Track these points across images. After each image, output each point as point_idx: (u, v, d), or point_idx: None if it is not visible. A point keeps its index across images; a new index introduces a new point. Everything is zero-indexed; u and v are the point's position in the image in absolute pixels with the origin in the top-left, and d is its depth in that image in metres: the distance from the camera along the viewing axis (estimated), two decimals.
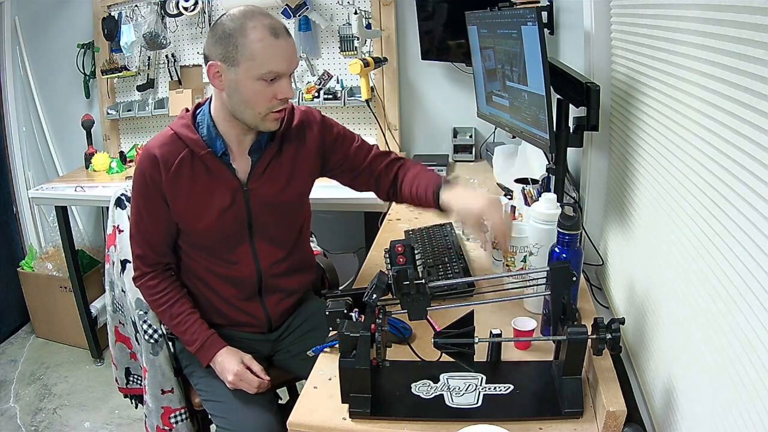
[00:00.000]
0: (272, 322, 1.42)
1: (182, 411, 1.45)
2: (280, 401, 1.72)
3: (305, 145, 1.32)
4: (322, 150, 1.35)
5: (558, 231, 1.04)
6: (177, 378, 1.44)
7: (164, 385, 1.42)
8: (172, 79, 2.65)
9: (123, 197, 1.51)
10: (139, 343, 1.48)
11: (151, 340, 1.41)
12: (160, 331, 1.42)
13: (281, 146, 1.30)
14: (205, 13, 2.48)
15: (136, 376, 1.64)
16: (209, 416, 1.37)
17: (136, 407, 1.68)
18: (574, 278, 0.96)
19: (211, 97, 1.25)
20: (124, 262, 1.49)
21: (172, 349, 1.47)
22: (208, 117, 1.24)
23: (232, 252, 1.32)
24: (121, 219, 1.51)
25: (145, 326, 1.41)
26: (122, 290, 1.53)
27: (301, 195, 1.38)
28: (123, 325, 1.60)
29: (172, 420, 1.44)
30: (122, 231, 1.51)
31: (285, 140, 1.30)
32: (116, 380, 1.65)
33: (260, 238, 1.33)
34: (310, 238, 1.84)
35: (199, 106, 1.28)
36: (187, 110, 1.28)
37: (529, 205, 1.54)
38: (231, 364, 1.29)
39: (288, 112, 1.30)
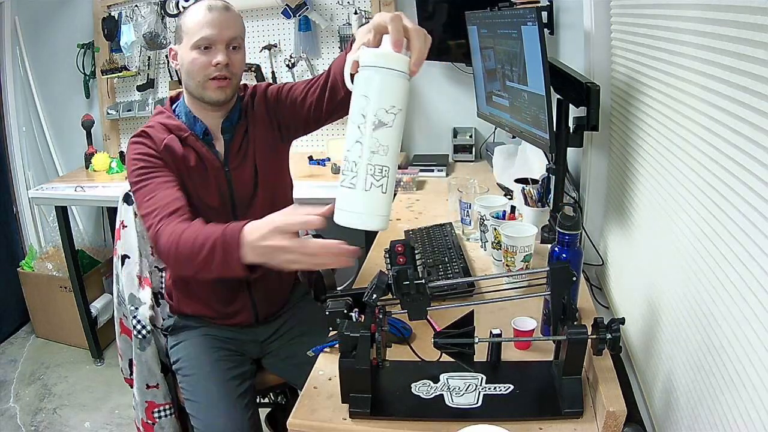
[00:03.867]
0: (259, 312, 1.42)
1: (167, 407, 1.45)
2: (280, 400, 1.73)
3: (260, 116, 1.35)
4: (270, 116, 1.35)
5: (558, 231, 1.05)
6: (164, 374, 1.44)
7: (149, 380, 1.43)
8: (172, 79, 2.65)
9: (131, 193, 1.52)
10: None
11: (139, 336, 1.41)
12: (148, 327, 1.43)
13: (248, 124, 1.33)
14: None
15: None
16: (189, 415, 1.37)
17: None
18: (574, 278, 0.96)
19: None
20: (124, 257, 1.50)
21: (165, 344, 1.47)
22: (184, 105, 1.30)
23: None
24: (127, 214, 1.52)
25: (134, 321, 1.42)
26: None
27: (278, 168, 1.39)
28: (126, 317, 1.61)
29: (156, 414, 1.44)
30: (126, 226, 1.51)
31: (249, 117, 1.34)
32: (121, 371, 1.66)
33: (243, 217, 1.31)
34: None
35: (173, 100, 1.34)
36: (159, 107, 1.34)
37: (530, 205, 1.54)
38: (276, 239, 0.94)
39: (249, 95, 1.35)
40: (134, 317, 1.42)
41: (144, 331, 1.41)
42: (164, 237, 1.09)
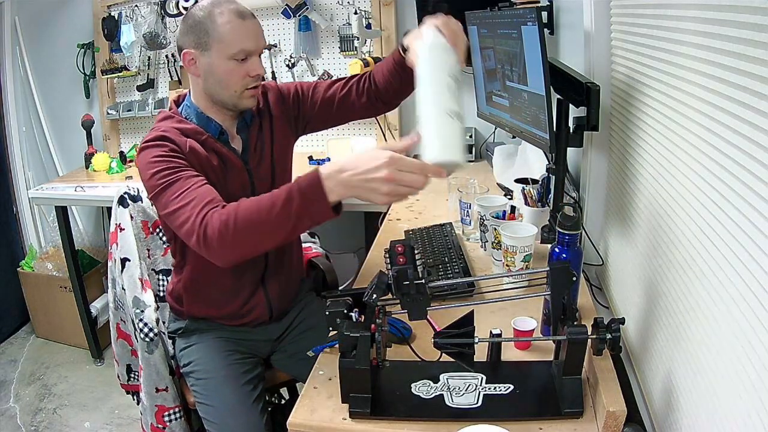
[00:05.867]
0: (274, 309, 1.42)
1: (176, 410, 1.45)
2: (282, 401, 1.73)
3: (272, 113, 1.37)
4: (286, 113, 1.39)
5: (558, 231, 1.05)
6: (172, 377, 1.44)
7: (158, 384, 1.42)
8: (172, 79, 2.65)
9: (126, 195, 1.52)
10: (137, 341, 1.48)
11: (147, 339, 1.41)
12: (155, 330, 1.42)
13: (261, 121, 1.35)
14: None
15: (137, 373, 1.64)
16: (201, 419, 1.37)
17: (138, 403, 1.68)
18: (574, 278, 0.96)
19: (189, 90, 1.29)
20: (123, 260, 1.49)
21: (171, 349, 1.47)
22: (194, 107, 1.27)
23: None
24: (123, 217, 1.51)
25: (140, 324, 1.41)
26: (123, 288, 1.53)
27: (285, 158, 1.41)
28: (124, 322, 1.60)
29: (166, 418, 1.44)
30: (124, 229, 1.51)
31: (262, 115, 1.35)
32: (118, 377, 1.66)
33: None
34: (313, 239, 1.84)
35: (177, 103, 1.31)
36: (162, 112, 1.30)
37: (530, 205, 1.54)
38: (370, 156, 0.92)
39: (260, 93, 1.34)
40: (140, 320, 1.42)
41: (152, 334, 1.41)
42: (216, 218, 1.01)
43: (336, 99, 1.38)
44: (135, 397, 1.67)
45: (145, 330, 1.41)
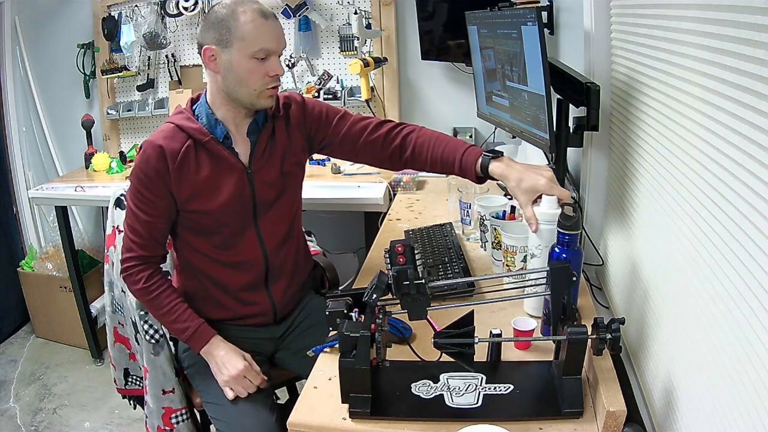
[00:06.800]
0: (278, 312, 1.42)
1: (183, 411, 1.45)
2: (279, 401, 1.73)
3: (290, 123, 1.37)
4: (304, 128, 1.39)
5: (558, 231, 1.04)
6: (178, 378, 1.44)
7: (165, 386, 1.42)
8: (172, 79, 2.65)
9: (122, 197, 1.51)
10: (139, 344, 1.48)
11: (152, 341, 1.41)
12: (161, 332, 1.42)
13: (274, 127, 1.34)
14: (205, 12, 2.48)
15: (135, 377, 1.64)
16: (210, 418, 1.37)
17: (135, 408, 1.68)
18: (574, 278, 0.96)
19: (206, 87, 1.29)
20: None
21: (173, 350, 1.47)
22: (206, 106, 1.28)
23: (239, 236, 1.33)
24: (120, 219, 1.51)
25: (146, 326, 1.41)
26: (122, 290, 1.53)
27: (297, 170, 1.41)
28: (122, 325, 1.60)
29: (173, 420, 1.44)
30: (122, 231, 1.50)
31: (276, 120, 1.35)
32: (114, 381, 1.65)
33: (263, 217, 1.35)
34: (310, 238, 1.84)
35: (194, 101, 1.32)
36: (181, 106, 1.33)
37: None
38: (235, 360, 1.30)
39: (282, 104, 1.36)
40: (145, 322, 1.42)
41: (157, 336, 1.41)
42: (130, 280, 1.32)
43: (360, 140, 1.36)
44: (132, 402, 1.67)
45: (150, 332, 1.41)
